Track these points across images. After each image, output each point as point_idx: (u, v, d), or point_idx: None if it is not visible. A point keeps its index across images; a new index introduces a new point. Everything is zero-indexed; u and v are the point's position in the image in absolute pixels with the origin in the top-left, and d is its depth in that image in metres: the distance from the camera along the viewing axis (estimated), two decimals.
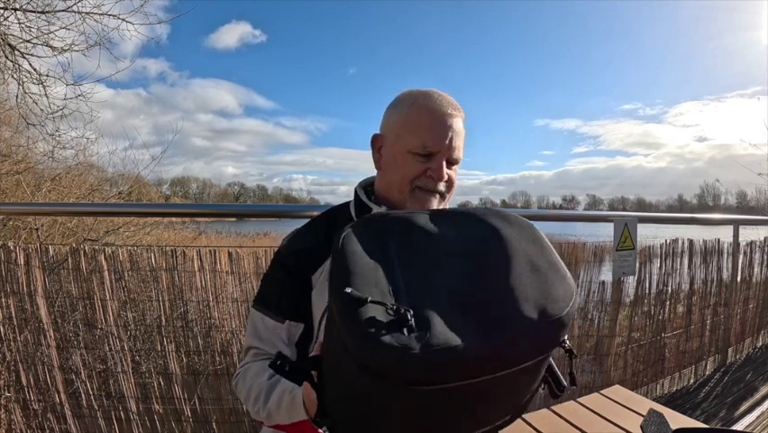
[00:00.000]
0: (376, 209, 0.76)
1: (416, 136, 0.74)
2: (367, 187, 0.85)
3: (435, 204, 0.77)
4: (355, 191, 0.83)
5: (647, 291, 2.38)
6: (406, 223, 0.54)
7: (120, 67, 3.74)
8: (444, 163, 0.75)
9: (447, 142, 0.74)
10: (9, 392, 1.57)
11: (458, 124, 0.76)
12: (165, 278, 1.67)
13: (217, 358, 1.70)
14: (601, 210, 29.52)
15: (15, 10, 3.18)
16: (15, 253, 1.55)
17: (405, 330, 0.39)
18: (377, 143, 0.81)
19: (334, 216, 0.83)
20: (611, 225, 1.97)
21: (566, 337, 0.50)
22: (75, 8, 3.30)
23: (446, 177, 0.76)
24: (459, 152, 0.77)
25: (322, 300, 0.74)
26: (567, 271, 0.50)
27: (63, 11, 3.29)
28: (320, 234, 0.80)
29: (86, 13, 3.35)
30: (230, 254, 1.71)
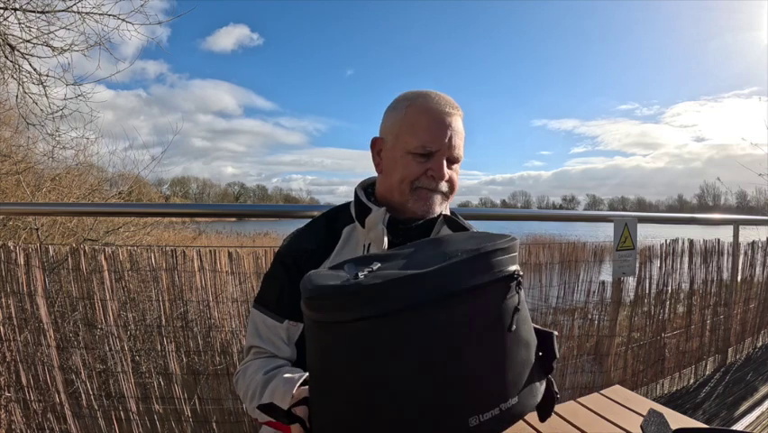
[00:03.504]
0: (375, 210, 0.76)
1: (415, 137, 0.74)
2: (367, 188, 0.84)
3: (438, 203, 0.77)
4: (355, 192, 0.83)
5: (647, 291, 2.37)
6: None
7: (120, 67, 3.74)
8: (445, 162, 0.74)
9: (446, 140, 0.74)
10: (9, 392, 1.57)
11: (457, 122, 0.75)
12: (165, 278, 1.67)
13: (217, 358, 1.70)
14: (601, 210, 29.52)
15: (15, 10, 3.18)
16: (15, 253, 1.55)
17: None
18: (376, 146, 0.81)
19: (334, 217, 0.83)
20: (611, 225, 1.97)
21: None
22: (75, 8, 3.30)
23: (447, 176, 0.75)
24: (459, 151, 0.76)
25: None
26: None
27: (63, 11, 3.30)
28: (320, 234, 0.81)
29: (86, 14, 3.34)
30: (230, 254, 1.71)
